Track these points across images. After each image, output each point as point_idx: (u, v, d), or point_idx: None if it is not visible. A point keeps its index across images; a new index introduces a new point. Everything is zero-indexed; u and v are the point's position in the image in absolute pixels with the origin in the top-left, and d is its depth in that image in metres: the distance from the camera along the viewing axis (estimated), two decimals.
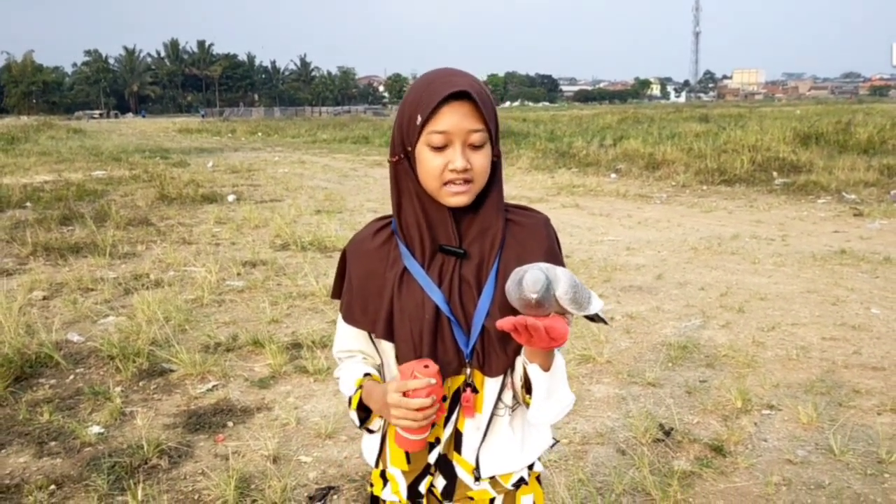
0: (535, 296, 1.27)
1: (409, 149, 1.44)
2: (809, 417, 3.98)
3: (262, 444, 3.82)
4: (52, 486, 3.48)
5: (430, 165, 1.41)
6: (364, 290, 1.52)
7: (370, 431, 1.60)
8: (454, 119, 1.39)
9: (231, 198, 13.36)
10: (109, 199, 13.12)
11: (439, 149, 1.40)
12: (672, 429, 3.90)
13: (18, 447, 3.89)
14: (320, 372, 4.78)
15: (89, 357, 5.17)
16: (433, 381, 1.36)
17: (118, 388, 4.61)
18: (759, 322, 5.72)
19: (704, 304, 6.24)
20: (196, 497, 3.39)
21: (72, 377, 4.83)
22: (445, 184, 1.42)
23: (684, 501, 3.25)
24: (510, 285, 1.32)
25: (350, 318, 1.56)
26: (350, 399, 1.55)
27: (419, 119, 1.40)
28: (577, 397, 4.26)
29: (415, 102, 1.42)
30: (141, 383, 4.73)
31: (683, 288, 6.79)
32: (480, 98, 1.39)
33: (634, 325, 5.70)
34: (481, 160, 1.42)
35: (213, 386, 4.67)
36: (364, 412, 1.55)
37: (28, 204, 12.53)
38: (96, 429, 4.05)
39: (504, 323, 1.31)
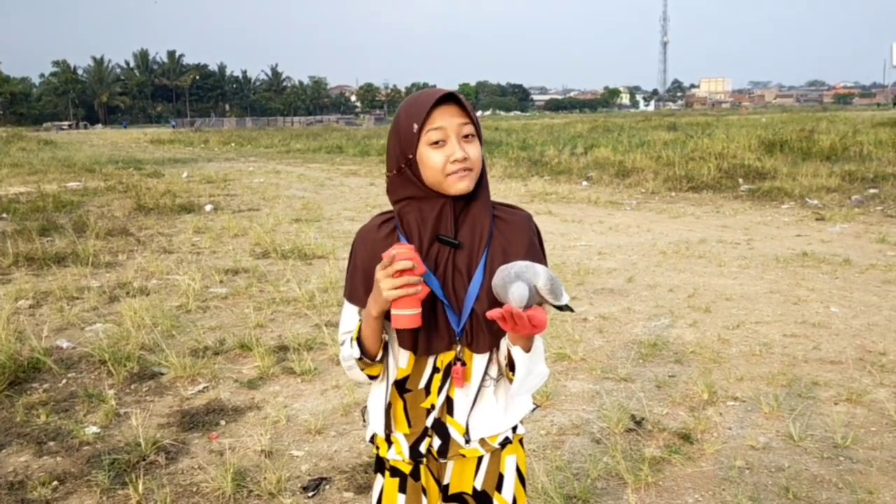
0: (523, 303, 1.51)
1: (411, 156, 1.67)
2: (771, 407, 4.25)
3: (255, 440, 4.00)
4: (55, 483, 3.63)
5: (433, 162, 1.64)
6: (368, 274, 1.73)
7: (370, 362, 1.74)
8: (446, 117, 1.64)
9: (208, 207, 13.47)
10: (87, 210, 13.17)
11: (438, 146, 1.64)
12: (643, 419, 4.15)
13: (18, 447, 4.03)
14: (307, 373, 4.97)
15: (80, 362, 5.30)
16: (409, 243, 1.60)
17: (111, 391, 4.75)
18: (725, 321, 6.00)
19: (673, 304, 6.52)
20: (195, 490, 3.56)
21: (64, 381, 4.97)
22: (450, 174, 1.65)
23: (655, 484, 3.49)
24: (497, 284, 1.55)
25: (354, 298, 1.77)
26: (351, 339, 1.73)
27: (415, 126, 1.64)
28: (553, 392, 4.52)
29: (408, 116, 1.67)
30: (133, 386, 4.88)
31: (653, 290, 7.07)
32: (463, 100, 1.65)
33: (607, 325, 5.95)
34: (475, 150, 1.67)
35: (204, 387, 4.83)
36: (365, 352, 1.72)
37: (5, 215, 12.55)
38: (93, 429, 4.21)
39: (493, 313, 1.54)
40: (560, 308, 1.71)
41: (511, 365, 1.70)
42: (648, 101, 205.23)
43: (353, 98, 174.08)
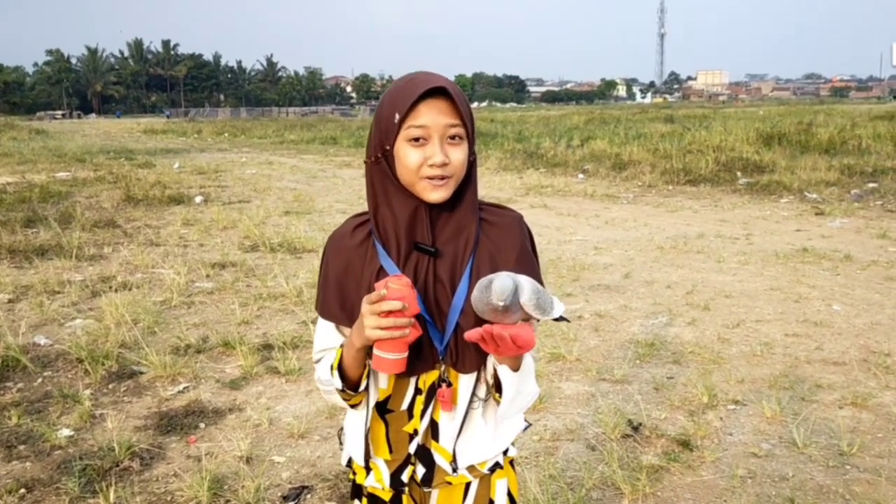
0: (502, 303, 1.32)
1: (388, 147, 1.48)
2: (773, 412, 4.08)
3: (235, 444, 3.82)
4: (23, 490, 3.45)
5: (408, 160, 1.45)
6: (342, 286, 1.55)
7: (352, 394, 1.56)
8: (432, 114, 1.43)
9: (198, 199, 13.26)
10: (74, 201, 12.94)
11: (418, 144, 1.45)
12: (640, 424, 3.98)
13: None
14: (292, 373, 4.79)
15: (57, 360, 5.11)
16: (404, 279, 1.39)
17: (87, 391, 4.57)
18: (724, 319, 5.83)
19: (671, 302, 6.34)
20: (169, 499, 3.38)
21: (40, 380, 4.78)
22: (424, 178, 1.46)
23: (653, 495, 3.32)
24: (476, 295, 1.37)
25: (327, 313, 1.58)
26: (331, 367, 1.54)
27: (397, 116, 1.44)
28: (547, 395, 4.33)
29: (393, 102, 1.46)
30: (111, 386, 4.70)
31: (650, 286, 6.89)
32: (457, 96, 1.44)
33: (603, 324, 5.78)
34: (459, 155, 1.47)
35: (184, 388, 4.65)
36: (347, 382, 1.54)
37: None
38: (66, 432, 4.02)
39: (472, 334, 1.37)
40: (556, 319, 1.53)
41: (498, 385, 1.52)
42: (645, 93, 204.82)
43: (349, 89, 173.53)
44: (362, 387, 1.55)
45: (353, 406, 1.61)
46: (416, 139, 1.44)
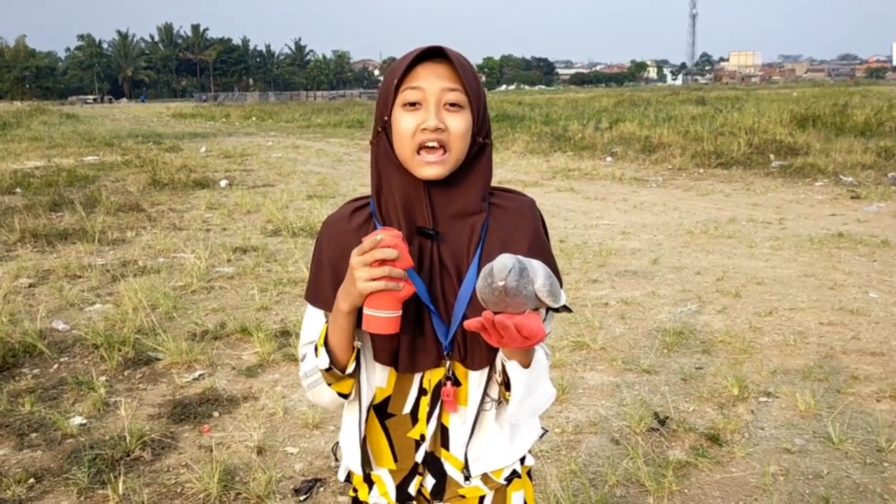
0: (502, 282, 1.18)
1: (387, 118, 1.37)
2: (807, 405, 3.90)
3: (248, 434, 3.73)
4: (32, 480, 3.39)
5: (403, 126, 1.33)
6: (337, 271, 1.41)
7: (341, 375, 1.41)
8: (430, 76, 1.33)
9: (223, 183, 13.23)
10: (100, 185, 12.97)
11: (413, 108, 1.33)
12: (667, 417, 3.82)
13: None
14: None
15: (74, 346, 5.07)
16: (394, 230, 1.28)
17: (102, 378, 4.50)
18: (756, 307, 5.63)
19: (700, 288, 6.15)
20: (179, 490, 3.30)
21: (55, 366, 4.73)
22: (419, 150, 1.33)
23: (679, 493, 3.17)
24: (480, 284, 1.23)
25: (320, 300, 1.43)
26: (315, 348, 1.40)
27: (395, 82, 1.33)
28: (570, 385, 4.18)
29: (391, 70, 1.37)
30: (126, 372, 4.63)
31: (679, 272, 6.70)
32: (457, 60, 1.33)
33: (629, 311, 5.61)
34: (458, 124, 1.34)
35: (200, 375, 4.57)
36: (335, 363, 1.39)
37: (18, 190, 12.38)
38: (78, 420, 3.96)
39: (471, 323, 1.22)
40: (556, 310, 1.39)
41: (507, 383, 1.38)
42: (676, 75, 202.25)
43: (377, 72, 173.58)
44: (350, 369, 1.39)
45: (343, 396, 1.43)
46: (412, 103, 1.33)
